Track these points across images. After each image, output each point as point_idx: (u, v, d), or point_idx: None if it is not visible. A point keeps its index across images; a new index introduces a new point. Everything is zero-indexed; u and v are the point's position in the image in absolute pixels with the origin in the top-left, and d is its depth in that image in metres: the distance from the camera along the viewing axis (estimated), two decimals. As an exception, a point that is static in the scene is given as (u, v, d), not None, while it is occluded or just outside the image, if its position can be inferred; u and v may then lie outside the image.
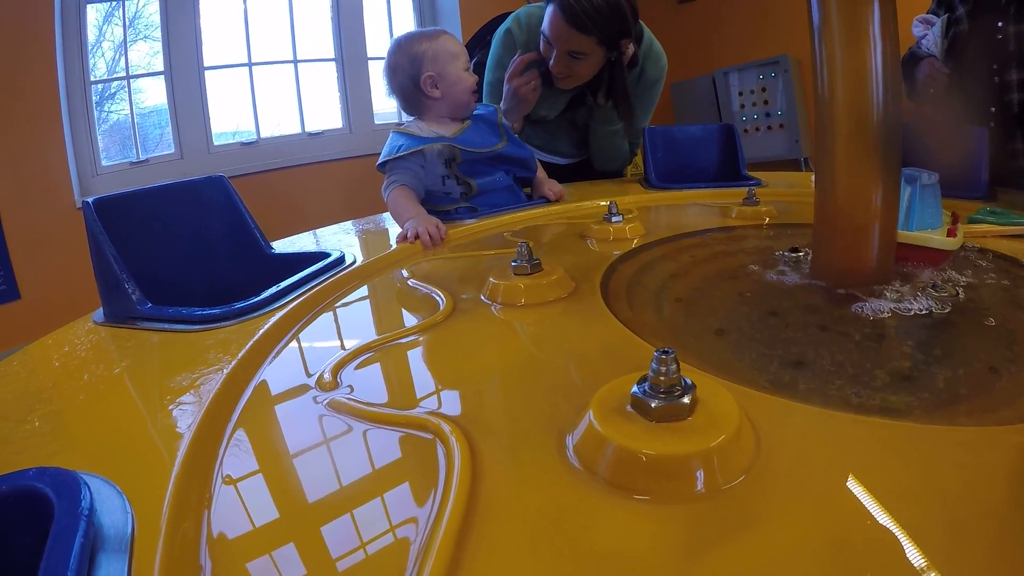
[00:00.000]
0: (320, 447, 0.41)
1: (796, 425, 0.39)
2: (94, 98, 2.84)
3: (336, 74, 3.73)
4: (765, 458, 0.35)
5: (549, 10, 1.37)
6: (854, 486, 0.33)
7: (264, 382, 0.53)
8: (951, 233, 0.71)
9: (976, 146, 1.23)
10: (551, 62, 1.42)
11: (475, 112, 1.26)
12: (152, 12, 3.00)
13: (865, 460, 0.35)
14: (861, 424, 0.39)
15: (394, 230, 1.15)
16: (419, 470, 0.37)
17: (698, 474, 0.32)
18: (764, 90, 4.48)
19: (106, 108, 2.96)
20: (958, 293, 0.64)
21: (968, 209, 0.96)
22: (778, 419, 0.39)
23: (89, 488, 0.33)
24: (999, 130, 1.31)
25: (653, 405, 0.34)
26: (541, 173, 1.37)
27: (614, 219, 0.96)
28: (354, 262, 0.87)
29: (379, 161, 1.18)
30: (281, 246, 1.04)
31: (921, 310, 0.60)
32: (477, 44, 1.80)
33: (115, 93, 2.99)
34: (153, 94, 3.07)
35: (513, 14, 1.60)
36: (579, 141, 1.70)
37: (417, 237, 0.98)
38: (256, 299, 0.70)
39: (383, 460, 0.39)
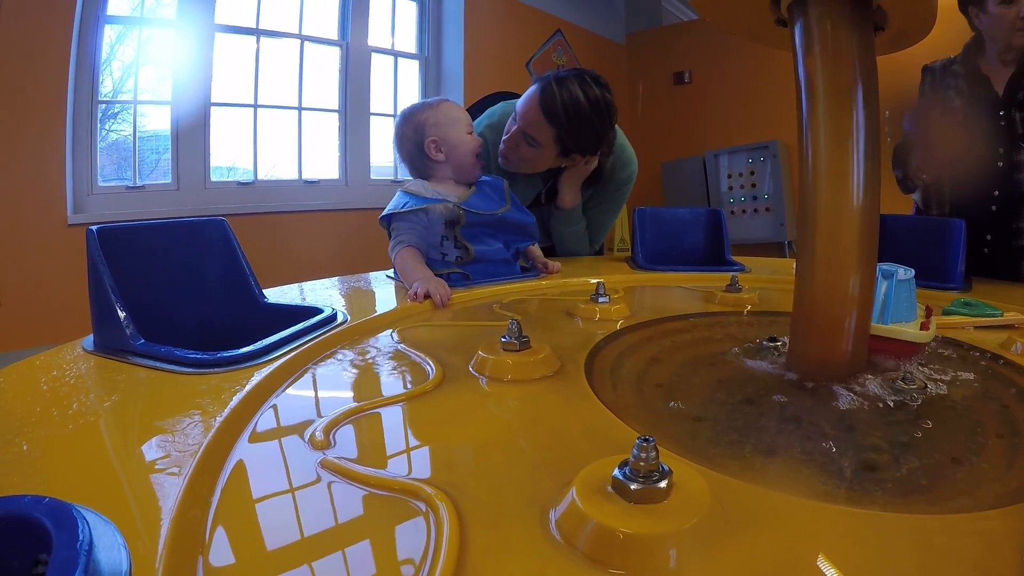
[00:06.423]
0: (312, 505, 0.43)
1: (765, 510, 0.41)
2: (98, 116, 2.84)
3: (338, 126, 3.82)
4: (734, 540, 0.37)
5: (530, 88, 1.44)
6: (816, 569, 0.35)
7: (256, 434, 0.54)
8: (924, 326, 0.73)
9: (953, 238, 1.29)
10: (504, 135, 1.49)
11: (482, 179, 1.33)
12: (166, 39, 3.05)
13: (827, 544, 0.38)
14: (825, 511, 0.42)
15: (382, 291, 1.17)
16: (408, 535, 0.38)
17: (671, 552, 0.34)
18: (752, 173, 4.60)
19: (107, 126, 2.97)
20: (926, 385, 0.66)
21: (943, 300, 1.01)
22: (748, 504, 0.41)
23: (88, 523, 0.34)
24: (1001, 210, 1.37)
25: (632, 488, 0.37)
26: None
27: (600, 300, 0.99)
28: (345, 320, 0.89)
29: (383, 214, 1.22)
30: (272, 295, 1.05)
31: (891, 402, 0.62)
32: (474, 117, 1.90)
33: (117, 113, 3.01)
34: (154, 118, 3.08)
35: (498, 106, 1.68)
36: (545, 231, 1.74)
37: (427, 297, 1.03)
38: (249, 349, 0.71)
39: (374, 523, 0.40)
